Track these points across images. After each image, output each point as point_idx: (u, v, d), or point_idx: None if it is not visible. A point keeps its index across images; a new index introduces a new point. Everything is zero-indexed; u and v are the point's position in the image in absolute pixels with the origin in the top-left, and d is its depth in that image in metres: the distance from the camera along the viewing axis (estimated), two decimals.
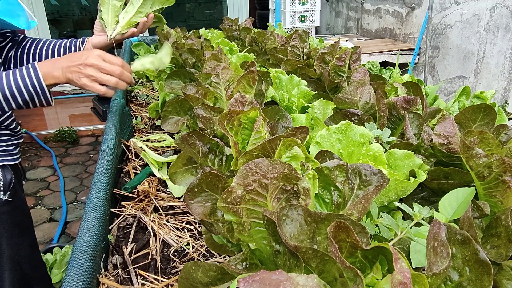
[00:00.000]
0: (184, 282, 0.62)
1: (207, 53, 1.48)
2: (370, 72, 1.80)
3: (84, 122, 4.97)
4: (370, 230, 0.65)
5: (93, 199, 1.01)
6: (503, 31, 3.68)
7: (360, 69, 1.25)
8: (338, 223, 0.45)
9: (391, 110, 1.01)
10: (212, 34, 2.56)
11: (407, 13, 4.30)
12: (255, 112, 0.80)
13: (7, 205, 1.26)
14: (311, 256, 0.46)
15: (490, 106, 0.98)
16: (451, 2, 3.80)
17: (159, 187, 1.24)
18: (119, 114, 1.57)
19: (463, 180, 0.79)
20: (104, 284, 0.86)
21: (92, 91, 1.17)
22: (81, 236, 0.87)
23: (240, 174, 0.56)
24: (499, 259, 0.58)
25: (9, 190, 1.26)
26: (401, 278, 0.38)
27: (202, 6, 7.03)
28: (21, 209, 1.36)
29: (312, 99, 1.29)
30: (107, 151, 1.26)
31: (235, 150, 0.77)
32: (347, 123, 0.85)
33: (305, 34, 1.86)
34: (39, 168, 4.02)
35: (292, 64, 1.60)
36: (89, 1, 5.98)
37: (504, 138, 0.96)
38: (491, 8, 3.65)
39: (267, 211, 0.53)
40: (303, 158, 0.64)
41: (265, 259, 0.61)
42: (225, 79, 1.20)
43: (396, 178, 0.74)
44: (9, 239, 1.29)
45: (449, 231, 0.50)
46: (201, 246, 0.99)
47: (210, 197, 0.69)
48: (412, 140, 0.91)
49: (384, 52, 4.11)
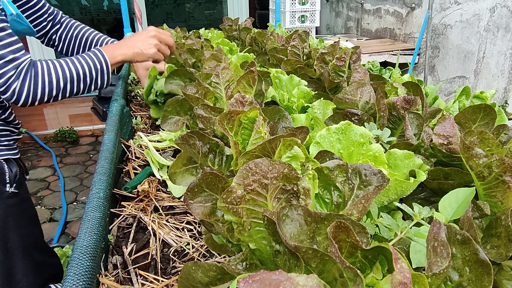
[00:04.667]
0: (184, 282, 0.62)
1: (207, 53, 1.48)
2: (370, 72, 1.79)
3: (84, 122, 4.97)
4: (370, 230, 0.65)
5: (93, 199, 1.01)
6: (503, 31, 3.68)
7: (360, 69, 1.25)
8: (338, 223, 0.45)
9: (391, 110, 1.01)
10: (212, 34, 2.56)
11: (407, 13, 4.30)
12: (255, 112, 0.80)
13: (14, 197, 1.33)
14: (311, 256, 0.46)
15: (490, 106, 0.98)
16: (451, 2, 3.80)
17: (159, 187, 1.24)
18: (119, 114, 1.57)
19: (463, 180, 0.79)
20: (104, 284, 0.86)
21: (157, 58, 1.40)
22: (81, 236, 0.87)
23: (240, 174, 0.56)
24: (499, 259, 0.58)
25: (15, 182, 1.32)
26: (401, 278, 0.38)
27: (202, 6, 7.03)
28: (27, 200, 1.43)
29: (312, 99, 1.29)
30: (107, 151, 1.26)
31: (235, 150, 0.77)
32: (347, 123, 0.85)
33: (305, 34, 1.86)
34: (39, 168, 4.02)
35: (292, 64, 1.60)
36: (89, 1, 5.97)
37: (504, 138, 0.96)
38: (491, 8, 3.65)
39: (267, 211, 0.53)
40: (303, 158, 0.64)
41: (265, 259, 0.61)
42: (225, 79, 1.20)
43: (396, 178, 0.74)
44: (19, 230, 1.34)
45: (449, 231, 0.50)
46: (201, 246, 0.99)
47: (210, 197, 0.69)
48: (412, 140, 0.91)
49: (384, 52, 4.11)
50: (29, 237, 1.40)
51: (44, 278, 1.46)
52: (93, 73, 1.23)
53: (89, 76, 1.22)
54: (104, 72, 1.26)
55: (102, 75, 1.25)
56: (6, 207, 1.29)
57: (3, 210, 1.28)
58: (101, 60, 1.24)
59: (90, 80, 1.22)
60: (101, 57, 1.25)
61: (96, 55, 1.24)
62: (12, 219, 1.31)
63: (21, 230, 1.35)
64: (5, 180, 1.28)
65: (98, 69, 1.24)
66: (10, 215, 1.31)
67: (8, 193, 1.29)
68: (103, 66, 1.25)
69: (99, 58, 1.24)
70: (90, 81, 1.23)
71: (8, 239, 1.30)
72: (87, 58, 1.22)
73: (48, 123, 4.98)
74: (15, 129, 1.38)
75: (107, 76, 1.27)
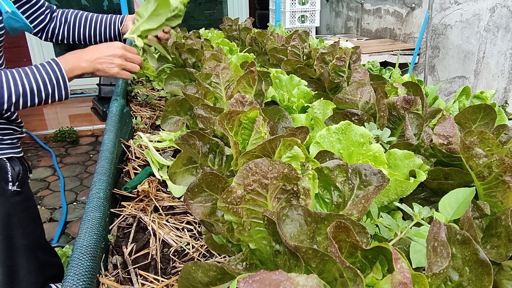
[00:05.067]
0: (184, 282, 0.62)
1: (207, 53, 1.48)
2: (370, 72, 1.80)
3: (84, 122, 4.97)
4: (370, 230, 0.65)
5: (93, 199, 1.01)
6: (503, 31, 3.68)
7: (360, 69, 1.25)
8: (338, 223, 0.45)
9: (391, 110, 1.01)
10: (212, 34, 2.56)
11: (407, 13, 4.30)
12: (255, 112, 0.80)
13: (18, 195, 1.33)
14: (311, 256, 0.46)
15: (490, 106, 0.98)
16: (451, 2, 3.80)
17: (159, 187, 1.24)
18: (119, 114, 1.57)
19: (463, 180, 0.79)
20: (104, 284, 0.86)
21: (122, 77, 1.35)
22: (81, 236, 0.87)
23: (240, 174, 0.56)
24: (499, 259, 0.58)
25: (17, 180, 1.33)
26: (401, 278, 0.38)
27: (202, 6, 7.02)
28: (30, 199, 1.44)
29: (312, 99, 1.29)
30: (107, 151, 1.26)
31: (235, 150, 0.77)
32: (347, 123, 0.85)
33: (305, 34, 1.86)
34: (39, 168, 4.02)
35: (292, 64, 1.60)
36: (89, 1, 5.98)
37: (504, 138, 0.96)
38: (491, 8, 3.65)
39: (267, 211, 0.53)
40: (303, 158, 0.64)
41: (265, 259, 0.61)
42: (225, 79, 1.20)
43: (396, 178, 0.74)
44: (23, 228, 1.36)
45: (449, 231, 0.50)
46: (201, 246, 0.99)
47: (210, 197, 0.69)
48: (412, 140, 0.91)
49: (384, 52, 4.11)
50: (33, 235, 1.42)
51: (46, 277, 1.47)
52: (49, 88, 1.19)
53: (44, 91, 1.18)
54: (61, 86, 1.21)
55: (59, 89, 1.21)
56: (10, 205, 1.30)
57: (7, 208, 1.29)
58: (57, 75, 1.20)
59: (45, 94, 1.18)
60: (58, 72, 1.20)
61: (53, 69, 1.20)
62: (16, 217, 1.32)
63: (25, 228, 1.36)
64: (8, 179, 1.29)
65: (55, 84, 1.20)
66: (14, 213, 1.32)
67: (11, 191, 1.30)
68: (59, 81, 1.20)
69: (56, 73, 1.20)
70: (46, 95, 1.19)
71: (12, 237, 1.31)
72: (43, 72, 1.18)
73: (48, 123, 4.98)
74: (18, 128, 1.39)
75: (64, 90, 1.22)
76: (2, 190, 1.28)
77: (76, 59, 1.25)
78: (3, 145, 1.30)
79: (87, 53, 1.27)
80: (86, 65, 1.26)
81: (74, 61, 1.24)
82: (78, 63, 1.25)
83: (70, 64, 1.23)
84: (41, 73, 1.18)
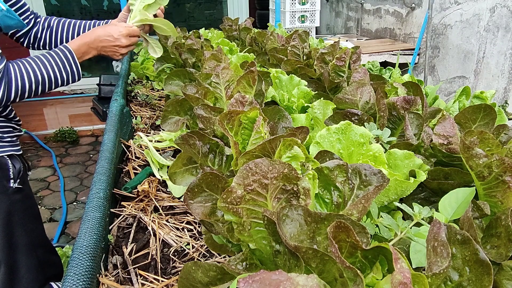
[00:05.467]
0: (184, 282, 0.62)
1: (207, 53, 1.48)
2: (370, 72, 1.80)
3: (84, 122, 4.97)
4: (370, 230, 0.65)
5: (93, 199, 1.01)
6: (503, 31, 3.67)
7: (360, 69, 1.25)
8: (338, 223, 0.45)
9: (391, 110, 1.01)
10: (212, 34, 2.56)
11: (407, 13, 4.30)
12: (255, 112, 0.80)
13: (18, 193, 1.35)
14: (311, 256, 0.46)
15: (490, 106, 0.98)
16: (451, 2, 3.80)
17: (159, 187, 1.24)
18: (119, 114, 1.57)
19: (463, 180, 0.79)
20: (104, 284, 0.86)
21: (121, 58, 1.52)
22: (81, 236, 0.87)
23: (240, 174, 0.56)
24: (499, 259, 0.58)
25: (18, 178, 1.34)
26: (401, 278, 0.38)
27: (202, 6, 7.02)
28: (31, 197, 1.45)
29: (312, 99, 1.29)
30: (107, 151, 1.27)
31: (235, 150, 0.77)
32: (347, 123, 0.85)
33: (305, 34, 1.86)
34: (39, 168, 4.02)
35: (292, 64, 1.60)
36: (89, 1, 5.97)
37: (504, 138, 0.96)
38: (491, 8, 3.65)
39: (267, 211, 0.53)
40: (303, 158, 0.64)
41: (265, 259, 0.61)
42: (225, 79, 1.20)
43: (396, 178, 0.74)
44: (24, 226, 1.37)
45: (449, 231, 0.50)
46: (201, 246, 0.99)
47: (210, 197, 0.69)
48: (412, 140, 0.91)
49: (384, 52, 4.11)
50: (34, 233, 1.43)
51: (46, 276, 1.47)
52: (64, 75, 1.32)
53: (60, 77, 1.31)
54: (74, 72, 1.35)
55: (73, 75, 1.35)
56: (11, 203, 1.31)
57: (8, 206, 1.30)
58: (71, 62, 1.33)
59: (61, 81, 1.33)
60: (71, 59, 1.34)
61: (66, 57, 1.33)
62: (17, 215, 1.34)
63: (26, 226, 1.37)
64: (9, 176, 1.31)
65: (69, 71, 1.33)
66: (15, 211, 1.33)
67: (12, 188, 1.32)
68: (73, 67, 1.34)
69: (69, 60, 1.33)
70: (61, 82, 1.33)
71: (13, 235, 1.32)
72: (58, 60, 1.31)
73: (48, 123, 4.97)
74: (16, 126, 1.41)
75: (77, 75, 1.37)
76: (4, 188, 1.29)
77: (86, 47, 1.40)
78: (3, 142, 1.32)
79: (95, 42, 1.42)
80: (95, 52, 1.42)
81: (85, 49, 1.39)
82: (87, 51, 1.40)
83: (80, 52, 1.38)
84: (56, 62, 1.31)
